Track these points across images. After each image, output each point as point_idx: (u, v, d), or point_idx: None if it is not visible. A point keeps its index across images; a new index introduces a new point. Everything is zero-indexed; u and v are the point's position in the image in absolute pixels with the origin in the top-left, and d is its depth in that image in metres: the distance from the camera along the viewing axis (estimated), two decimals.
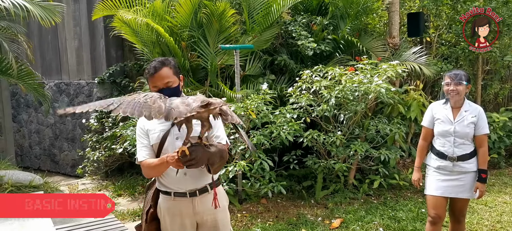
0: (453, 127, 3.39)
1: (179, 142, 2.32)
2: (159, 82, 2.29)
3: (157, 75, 2.29)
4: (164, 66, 2.31)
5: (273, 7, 5.80)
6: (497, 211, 5.01)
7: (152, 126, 2.39)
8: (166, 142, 2.35)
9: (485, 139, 3.40)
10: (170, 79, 2.31)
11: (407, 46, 6.91)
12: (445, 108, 3.45)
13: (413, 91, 6.11)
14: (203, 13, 5.62)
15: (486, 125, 3.39)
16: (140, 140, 2.45)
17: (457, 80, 3.34)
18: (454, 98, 3.38)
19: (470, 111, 3.40)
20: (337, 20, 6.33)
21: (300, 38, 5.74)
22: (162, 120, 2.30)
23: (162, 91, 2.25)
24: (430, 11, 7.64)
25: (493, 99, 8.17)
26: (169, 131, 2.37)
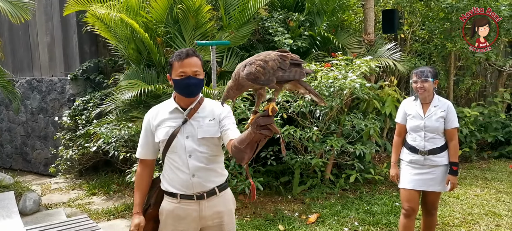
0: (423, 121, 3.47)
1: (189, 141, 2.22)
2: (188, 68, 2.17)
3: (188, 61, 2.18)
4: (195, 55, 2.21)
5: (250, 3, 5.78)
6: (468, 204, 5.14)
7: (162, 121, 2.27)
8: (174, 139, 2.23)
9: (455, 132, 3.49)
10: (199, 69, 2.21)
11: (382, 43, 7.01)
12: (416, 105, 3.55)
13: (387, 87, 6.20)
14: (179, 9, 5.56)
15: (455, 118, 3.48)
16: (143, 136, 2.36)
17: (423, 77, 3.43)
18: (422, 95, 3.47)
19: (439, 106, 3.48)
20: (314, 17, 6.36)
21: (276, 35, 5.74)
22: (174, 115, 2.26)
23: (189, 79, 2.17)
24: (404, 8, 7.78)
25: (465, 95, 8.39)
26: (179, 128, 2.24)
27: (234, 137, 2.11)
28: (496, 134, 7.36)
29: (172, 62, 2.22)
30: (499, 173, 6.54)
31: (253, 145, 1.82)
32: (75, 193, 6.12)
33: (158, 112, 2.31)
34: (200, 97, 2.31)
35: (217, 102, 2.39)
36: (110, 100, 5.97)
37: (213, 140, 2.26)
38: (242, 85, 1.69)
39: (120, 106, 5.89)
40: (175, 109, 2.27)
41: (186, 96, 2.24)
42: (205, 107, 2.30)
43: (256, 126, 1.66)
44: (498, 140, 7.45)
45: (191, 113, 2.25)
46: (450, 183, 3.49)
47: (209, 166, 2.26)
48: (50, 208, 5.41)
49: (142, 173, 2.41)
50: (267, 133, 1.66)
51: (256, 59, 1.66)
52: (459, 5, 7.14)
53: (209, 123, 2.25)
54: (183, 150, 2.22)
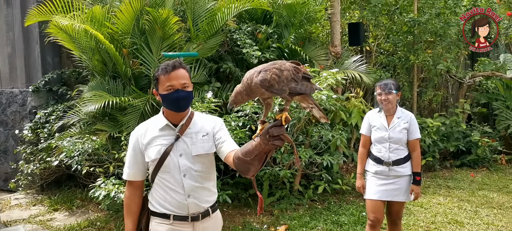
0: (388, 133, 3.55)
1: (183, 159, 2.11)
2: (175, 81, 2.05)
3: (175, 73, 2.06)
4: (181, 67, 2.10)
5: (218, 15, 5.78)
6: (431, 212, 5.27)
7: (152, 139, 2.14)
8: (167, 157, 2.10)
9: (417, 143, 3.59)
10: (187, 81, 2.10)
11: (348, 55, 7.15)
12: (380, 116, 3.62)
13: (354, 98, 6.32)
14: (146, 20, 5.48)
15: (417, 130, 3.58)
16: (130, 156, 2.21)
17: (387, 90, 3.52)
18: (386, 106, 3.56)
19: (402, 117, 3.57)
20: (282, 29, 6.42)
21: (245, 46, 5.75)
22: (165, 133, 2.14)
23: (178, 93, 2.06)
24: (369, 21, 7.98)
25: (428, 105, 8.65)
26: (172, 146, 2.12)
27: (233, 149, 2.06)
28: (458, 143, 7.62)
29: (158, 77, 2.10)
30: (461, 181, 6.75)
31: (262, 156, 1.76)
32: (36, 209, 5.88)
33: (147, 129, 2.19)
34: (190, 112, 2.21)
35: (207, 116, 2.31)
36: (73, 113, 5.79)
37: (208, 156, 2.17)
38: (253, 91, 1.65)
39: (84, 119, 5.72)
40: (165, 126, 2.16)
41: (176, 111, 2.13)
42: (196, 122, 2.20)
43: (268, 136, 1.61)
44: (460, 149, 7.71)
45: (183, 130, 2.15)
46: (414, 192, 3.57)
47: (204, 185, 2.17)
48: (9, 225, 5.17)
49: (132, 196, 2.25)
50: (279, 143, 1.61)
51: (272, 66, 1.63)
52: (421, 20, 7.39)
53: (203, 139, 2.16)
54: (176, 169, 2.11)
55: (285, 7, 6.11)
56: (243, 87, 1.67)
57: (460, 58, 8.94)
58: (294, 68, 1.67)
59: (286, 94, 1.63)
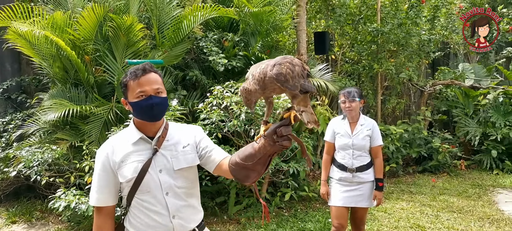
0: (351, 140, 3.61)
1: (164, 175, 1.87)
2: (148, 86, 1.82)
3: (146, 78, 1.83)
4: (152, 71, 1.87)
5: (184, 23, 5.74)
6: (395, 217, 5.39)
7: (125, 156, 1.87)
8: (146, 175, 1.85)
9: (379, 150, 3.67)
10: (160, 86, 1.87)
11: (314, 63, 7.26)
12: (344, 124, 3.68)
13: (319, 106, 6.41)
14: (109, 27, 5.38)
15: (379, 137, 3.66)
16: (99, 178, 1.90)
17: (351, 97, 3.58)
18: (350, 114, 3.62)
19: (365, 125, 3.64)
20: (248, 37, 6.45)
21: (211, 54, 5.74)
22: (140, 147, 1.90)
23: (151, 99, 1.82)
24: (334, 30, 8.13)
25: (392, 113, 8.87)
26: (150, 161, 1.86)
27: (225, 156, 1.90)
28: (420, 149, 7.84)
29: (126, 82, 1.86)
30: (423, 186, 6.95)
31: (266, 159, 1.62)
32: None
33: (117, 145, 1.91)
34: (165, 122, 1.98)
35: (183, 125, 2.10)
36: (32, 122, 5.59)
37: (192, 169, 1.96)
38: (267, 86, 1.51)
39: (44, 127, 5.53)
40: (140, 140, 1.90)
41: (149, 120, 1.88)
42: (173, 133, 1.98)
43: (276, 136, 1.50)
44: (422, 156, 7.94)
45: (160, 142, 1.90)
46: (377, 198, 3.64)
47: (189, 202, 1.94)
48: None
49: (104, 225, 1.91)
50: (287, 144, 1.50)
51: (283, 60, 1.52)
52: (384, 29, 7.60)
53: (184, 150, 1.93)
54: (158, 188, 1.86)
55: (252, 15, 6.14)
56: (256, 84, 1.51)
57: (422, 67, 9.24)
58: (302, 64, 1.58)
59: (297, 91, 1.53)
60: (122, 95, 1.94)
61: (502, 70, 8.88)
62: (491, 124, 8.09)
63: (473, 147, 8.27)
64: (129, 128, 1.96)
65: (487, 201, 6.03)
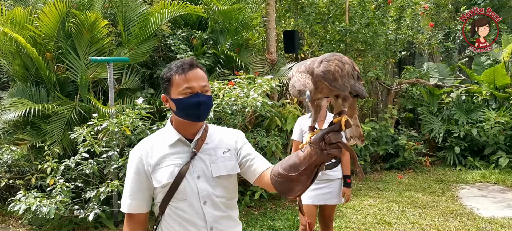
0: None
1: (202, 182, 1.70)
2: (195, 82, 1.66)
3: (193, 73, 1.67)
4: (199, 67, 1.71)
5: (151, 20, 5.63)
6: (362, 214, 5.47)
7: (161, 158, 1.70)
8: (183, 181, 1.67)
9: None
10: (206, 84, 1.71)
11: (284, 62, 7.27)
12: None
13: (289, 104, 6.42)
14: (72, 23, 5.21)
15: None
16: (133, 182, 1.72)
17: None
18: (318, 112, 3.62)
19: None
20: (217, 35, 6.39)
21: (179, 52, 5.65)
22: (177, 149, 1.72)
23: (198, 97, 1.65)
24: (304, 29, 8.18)
25: (360, 111, 9.00)
26: (188, 166, 1.69)
27: (268, 166, 1.72)
28: (387, 147, 8.00)
29: (170, 77, 1.68)
30: (390, 183, 7.08)
31: (312, 170, 1.46)
32: None
33: (153, 146, 1.74)
34: (205, 124, 1.81)
35: (224, 128, 1.90)
36: None
37: (231, 178, 1.77)
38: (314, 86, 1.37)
39: (3, 127, 5.30)
40: (178, 142, 1.73)
41: (194, 119, 1.70)
42: (213, 136, 1.80)
43: (324, 143, 1.35)
44: (389, 153, 8.10)
45: (199, 145, 1.73)
46: (345, 195, 3.66)
47: (228, 213, 1.76)
48: None
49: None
50: (337, 153, 1.35)
51: (332, 57, 1.37)
52: (352, 29, 7.70)
53: (224, 156, 1.76)
54: (195, 196, 1.68)
55: (221, 13, 6.09)
56: (309, 78, 1.35)
57: (389, 66, 9.42)
58: (352, 63, 1.44)
59: (347, 93, 1.38)
60: (164, 91, 1.74)
61: (465, 69, 9.17)
62: (454, 121, 8.34)
63: (437, 144, 8.50)
64: (166, 128, 1.79)
65: (450, 196, 6.21)
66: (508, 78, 8.22)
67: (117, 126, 4.43)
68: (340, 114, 1.39)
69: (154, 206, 1.77)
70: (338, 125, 1.34)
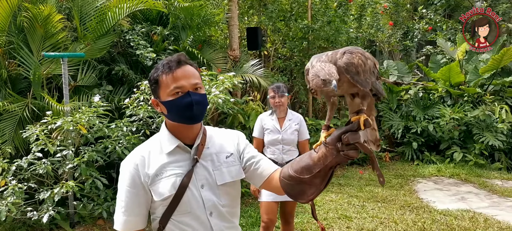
0: (281, 135, 3.62)
1: (206, 192, 1.55)
2: (185, 81, 1.49)
3: (182, 71, 1.50)
4: (188, 63, 1.54)
5: (109, 14, 5.46)
6: (324, 209, 5.54)
7: (161, 168, 1.53)
8: (186, 192, 1.51)
9: (307, 143, 3.73)
10: (199, 81, 1.54)
11: (247, 59, 7.26)
12: (272, 119, 3.69)
13: (252, 102, 6.41)
14: (25, 17, 4.97)
15: (307, 131, 3.72)
16: (128, 196, 1.52)
17: (280, 92, 3.60)
18: (280, 109, 3.63)
19: (293, 120, 3.68)
20: (179, 31, 6.29)
21: (138, 48, 5.52)
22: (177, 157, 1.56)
23: (190, 96, 1.49)
24: (267, 26, 8.19)
25: (323, 108, 9.13)
26: (190, 175, 1.53)
27: (276, 168, 1.62)
28: None
29: (157, 78, 1.52)
30: (351, 178, 7.22)
31: (327, 172, 1.36)
32: None
33: (149, 155, 1.57)
34: (203, 126, 1.64)
35: (222, 130, 1.75)
36: None
37: (235, 184, 1.64)
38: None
39: None
40: (177, 149, 1.57)
41: (188, 122, 1.55)
42: (213, 139, 1.66)
43: (341, 144, 1.26)
44: None
45: (200, 151, 1.58)
46: None
47: (234, 223, 1.64)
48: None
49: None
50: (354, 154, 1.25)
51: (355, 50, 1.30)
52: (314, 27, 7.78)
53: (227, 161, 1.62)
54: (200, 207, 1.53)
55: (182, 9, 6.00)
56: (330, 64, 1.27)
57: None
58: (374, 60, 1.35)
59: (368, 89, 1.28)
60: (153, 94, 1.58)
61: (422, 67, 9.48)
62: (412, 117, 8.60)
63: (397, 140, 8.75)
64: (161, 134, 1.62)
65: (408, 190, 6.40)
66: (462, 76, 8.56)
67: (72, 124, 4.27)
68: (358, 113, 1.30)
69: (153, 221, 1.58)
70: (356, 124, 1.24)
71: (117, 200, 1.55)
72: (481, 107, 7.91)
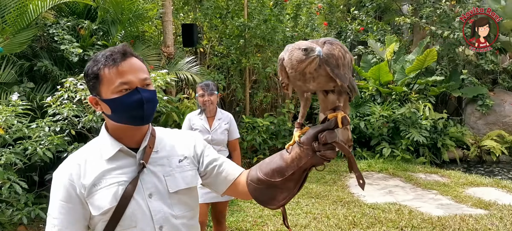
0: (210, 135, 3.56)
1: (155, 202, 1.35)
2: (132, 75, 1.30)
3: (129, 64, 1.31)
4: (134, 55, 1.35)
5: (30, 7, 5.09)
6: (260, 207, 5.55)
7: (99, 177, 1.33)
8: (130, 203, 1.32)
9: (237, 142, 3.70)
10: (147, 76, 1.35)
11: (182, 56, 7.11)
12: (201, 119, 3.61)
13: (186, 100, 6.29)
14: None
15: (237, 130, 3.69)
16: (62, 212, 1.32)
17: (209, 91, 3.52)
18: (209, 107, 3.56)
19: (223, 119, 3.63)
20: (108, 26, 6.01)
21: (63, 43, 5.20)
22: (119, 163, 1.36)
23: (139, 93, 1.30)
24: (203, 23, 8.08)
25: (259, 106, 9.19)
26: (135, 183, 1.33)
27: (240, 172, 1.45)
28: (285, 140, 8.26)
29: (97, 72, 1.31)
30: None
31: (301, 174, 1.24)
32: None
33: (86, 162, 1.36)
34: (151, 127, 1.45)
35: (174, 131, 1.56)
36: None
37: (192, 191, 1.45)
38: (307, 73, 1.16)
39: None
40: (119, 153, 1.37)
41: (138, 123, 1.36)
42: (163, 141, 1.46)
43: (317, 143, 1.15)
44: None
45: (148, 154, 1.39)
46: None
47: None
48: None
49: None
50: (331, 155, 1.16)
51: (334, 41, 1.20)
52: (251, 25, 7.79)
53: (181, 165, 1.43)
54: (147, 220, 1.34)
55: (112, 3, 5.74)
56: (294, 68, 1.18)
57: None
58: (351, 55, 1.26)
59: (346, 85, 1.19)
60: (91, 91, 1.36)
61: (354, 67, 9.86)
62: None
63: None
64: (101, 138, 1.42)
65: (340, 186, 6.61)
66: (390, 75, 9.01)
67: None
68: (334, 111, 1.20)
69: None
70: (333, 121, 1.15)
71: (48, 217, 1.34)
72: (407, 105, 8.38)
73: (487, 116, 9.18)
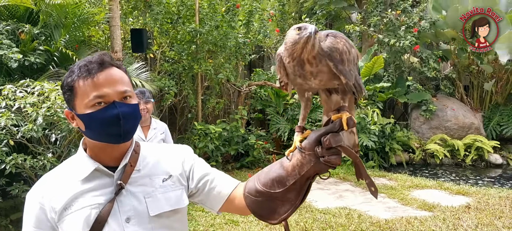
0: None
1: (133, 226, 1.21)
2: (109, 88, 1.17)
3: (105, 76, 1.18)
4: (114, 65, 1.22)
5: None
6: (211, 215, 5.48)
7: (71, 200, 1.20)
8: (104, 228, 1.18)
9: None
10: (128, 88, 1.22)
11: (131, 61, 6.92)
12: None
13: None
14: None
15: (171, 140, 3.62)
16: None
17: (145, 98, 3.40)
18: (145, 116, 3.44)
19: (158, 128, 3.53)
20: (51, 30, 5.73)
21: (1, 48, 4.89)
22: (95, 184, 1.22)
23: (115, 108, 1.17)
24: (153, 28, 7.91)
25: (212, 112, 9.12)
26: (111, 205, 1.20)
27: (234, 186, 1.33)
28: (237, 147, 8.24)
29: (72, 84, 1.19)
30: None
31: (304, 183, 1.12)
32: None
33: (57, 185, 1.24)
34: (135, 143, 1.32)
35: (161, 145, 1.45)
36: None
37: (177, 214, 1.29)
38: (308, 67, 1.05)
39: None
40: (95, 173, 1.24)
41: (115, 141, 1.22)
42: (147, 159, 1.32)
43: (321, 148, 1.04)
44: (240, 152, 8.36)
45: (128, 173, 1.25)
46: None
47: None
48: None
49: None
50: (336, 161, 1.04)
51: (338, 34, 1.09)
52: (202, 31, 7.72)
53: (164, 185, 1.28)
54: None
55: (55, 7, 5.47)
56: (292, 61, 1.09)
57: (239, 69, 9.74)
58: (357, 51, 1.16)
59: (352, 83, 1.08)
60: (67, 104, 1.24)
61: None
62: (297, 120, 9.01)
63: (284, 142, 9.10)
64: (77, 156, 1.29)
65: None
66: None
67: None
68: (339, 111, 1.10)
69: None
70: (338, 123, 1.04)
71: None
72: (356, 110, 8.62)
73: (431, 120, 9.64)
